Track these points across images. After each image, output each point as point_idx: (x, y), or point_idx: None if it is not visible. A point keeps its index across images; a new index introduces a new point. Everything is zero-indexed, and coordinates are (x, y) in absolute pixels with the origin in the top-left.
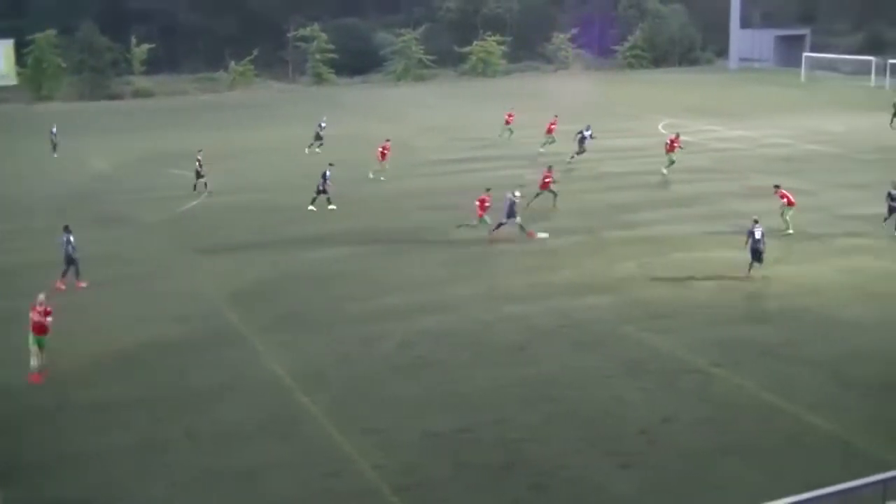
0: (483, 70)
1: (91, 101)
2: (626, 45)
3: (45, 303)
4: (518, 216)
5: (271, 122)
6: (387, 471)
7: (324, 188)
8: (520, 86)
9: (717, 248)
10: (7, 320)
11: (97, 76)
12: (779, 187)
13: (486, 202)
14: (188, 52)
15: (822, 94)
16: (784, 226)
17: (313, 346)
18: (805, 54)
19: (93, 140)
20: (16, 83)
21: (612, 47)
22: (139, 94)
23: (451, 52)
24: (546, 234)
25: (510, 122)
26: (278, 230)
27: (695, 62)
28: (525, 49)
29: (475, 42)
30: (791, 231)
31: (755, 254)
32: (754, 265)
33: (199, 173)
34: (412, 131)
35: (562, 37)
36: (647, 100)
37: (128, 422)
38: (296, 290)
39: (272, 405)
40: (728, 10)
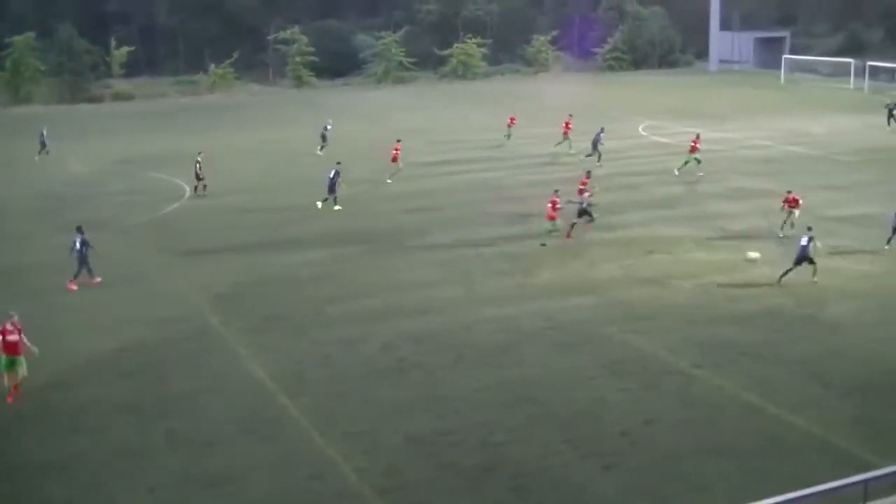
0: (463, 72)
1: (70, 104)
2: (606, 47)
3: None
4: (591, 212)
5: (252, 125)
6: (369, 473)
7: (333, 187)
8: (500, 88)
9: (698, 250)
10: None
11: (76, 79)
12: (790, 193)
13: (556, 204)
14: (168, 54)
15: (801, 95)
16: (788, 229)
17: (295, 349)
18: (785, 56)
19: (72, 143)
20: None
21: (592, 49)
22: (119, 96)
23: (431, 55)
24: (757, 255)
25: (512, 125)
26: (259, 233)
27: (674, 64)
28: (505, 51)
29: (455, 44)
30: (782, 235)
31: (799, 260)
32: (795, 269)
33: (199, 175)
34: (392, 134)
35: (542, 39)
36: (627, 102)
37: (108, 425)
38: (277, 293)
39: (254, 408)
40: (708, 12)
